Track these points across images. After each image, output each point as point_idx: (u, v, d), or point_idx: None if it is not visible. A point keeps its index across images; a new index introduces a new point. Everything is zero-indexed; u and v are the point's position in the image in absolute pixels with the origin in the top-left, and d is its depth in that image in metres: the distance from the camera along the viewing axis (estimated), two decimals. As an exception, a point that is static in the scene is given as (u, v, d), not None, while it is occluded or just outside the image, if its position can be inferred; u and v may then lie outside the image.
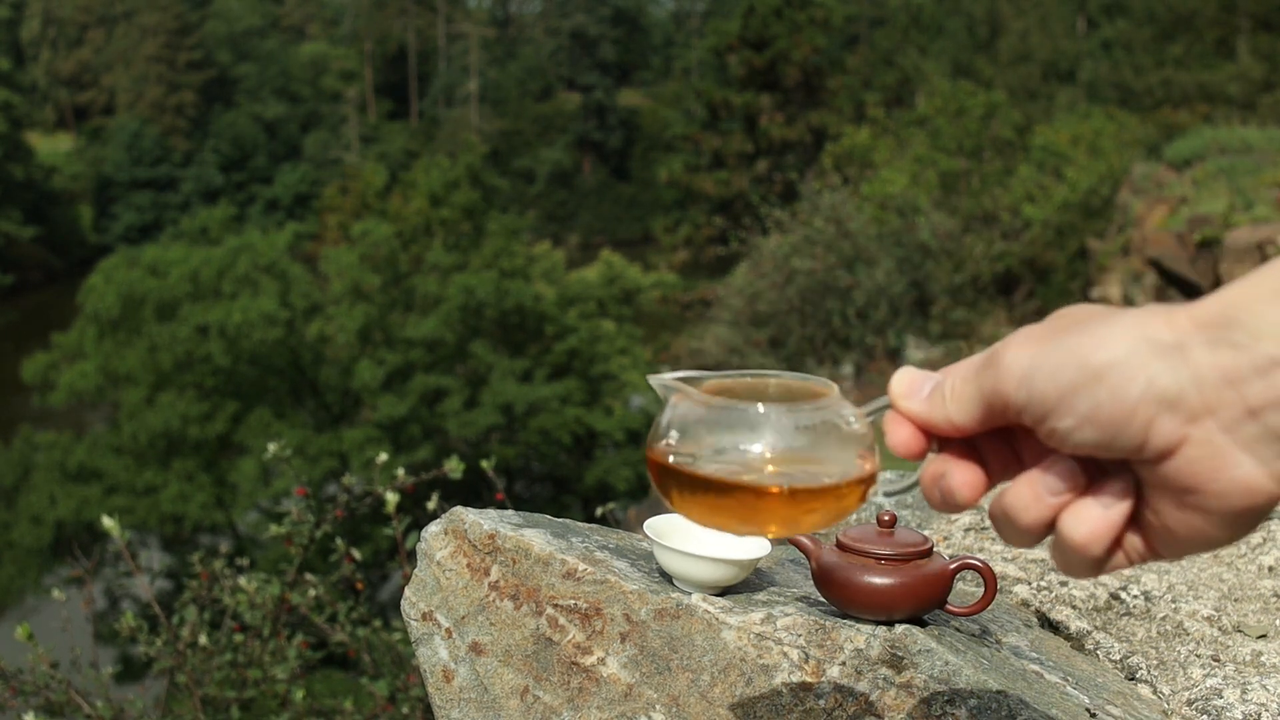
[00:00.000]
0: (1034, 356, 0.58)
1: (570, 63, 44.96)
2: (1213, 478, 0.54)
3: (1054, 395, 0.57)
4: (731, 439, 0.69)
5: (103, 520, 2.55)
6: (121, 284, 15.96)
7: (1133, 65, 27.60)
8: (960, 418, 0.63)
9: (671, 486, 0.71)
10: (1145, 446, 0.55)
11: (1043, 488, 0.60)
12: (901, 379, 0.66)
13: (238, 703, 2.60)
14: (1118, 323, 0.56)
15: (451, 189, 19.40)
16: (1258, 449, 0.53)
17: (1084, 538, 0.60)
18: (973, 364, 0.62)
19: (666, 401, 0.72)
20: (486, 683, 1.33)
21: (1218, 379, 0.53)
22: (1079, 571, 0.62)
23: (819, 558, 1.28)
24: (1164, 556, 0.61)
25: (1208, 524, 0.57)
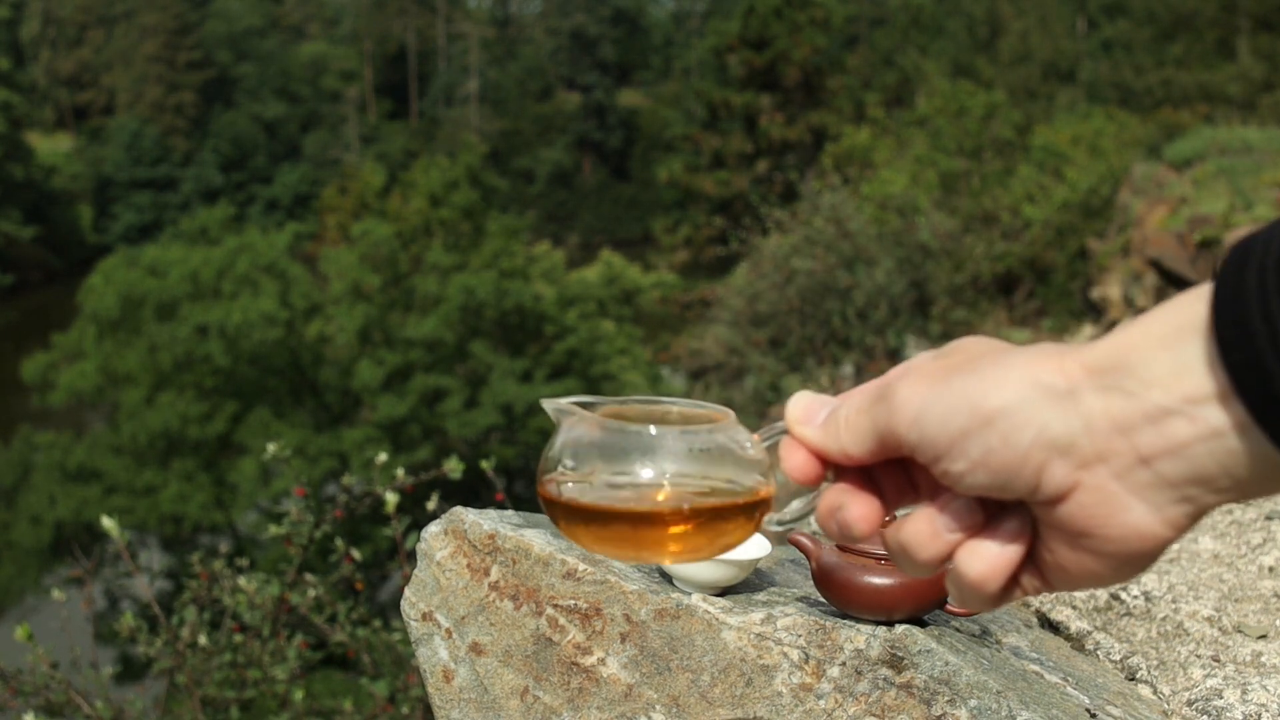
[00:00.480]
0: (925, 398, 0.58)
1: (570, 63, 44.96)
2: (1105, 523, 0.55)
3: (945, 439, 0.57)
4: (624, 463, 0.68)
5: (102, 520, 2.55)
6: (121, 284, 15.97)
7: (1133, 65, 27.60)
8: (854, 449, 0.62)
9: (560, 517, 0.69)
10: (1038, 490, 0.56)
11: (940, 525, 0.60)
12: (798, 404, 0.66)
13: (237, 703, 2.60)
14: (1010, 365, 0.56)
15: (451, 189, 19.40)
16: (1149, 495, 0.53)
17: (979, 576, 0.60)
18: (867, 394, 0.62)
19: (559, 425, 0.70)
20: (486, 683, 1.33)
21: (1109, 427, 0.53)
22: (973, 605, 0.63)
23: (819, 558, 1.28)
24: (1057, 589, 0.61)
25: (1099, 565, 0.57)
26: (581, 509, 0.68)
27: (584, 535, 0.69)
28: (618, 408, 0.71)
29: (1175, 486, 0.53)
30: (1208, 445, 0.51)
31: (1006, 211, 18.34)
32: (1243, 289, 0.49)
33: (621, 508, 0.67)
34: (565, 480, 0.69)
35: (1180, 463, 0.52)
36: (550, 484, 0.69)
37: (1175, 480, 0.53)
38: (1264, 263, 0.49)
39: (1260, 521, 1.80)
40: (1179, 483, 0.53)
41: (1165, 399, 0.52)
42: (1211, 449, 0.51)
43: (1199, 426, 0.51)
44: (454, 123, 42.46)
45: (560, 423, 0.70)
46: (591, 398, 0.71)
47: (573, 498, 0.68)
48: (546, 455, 0.70)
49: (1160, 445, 0.52)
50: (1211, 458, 0.51)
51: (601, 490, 0.68)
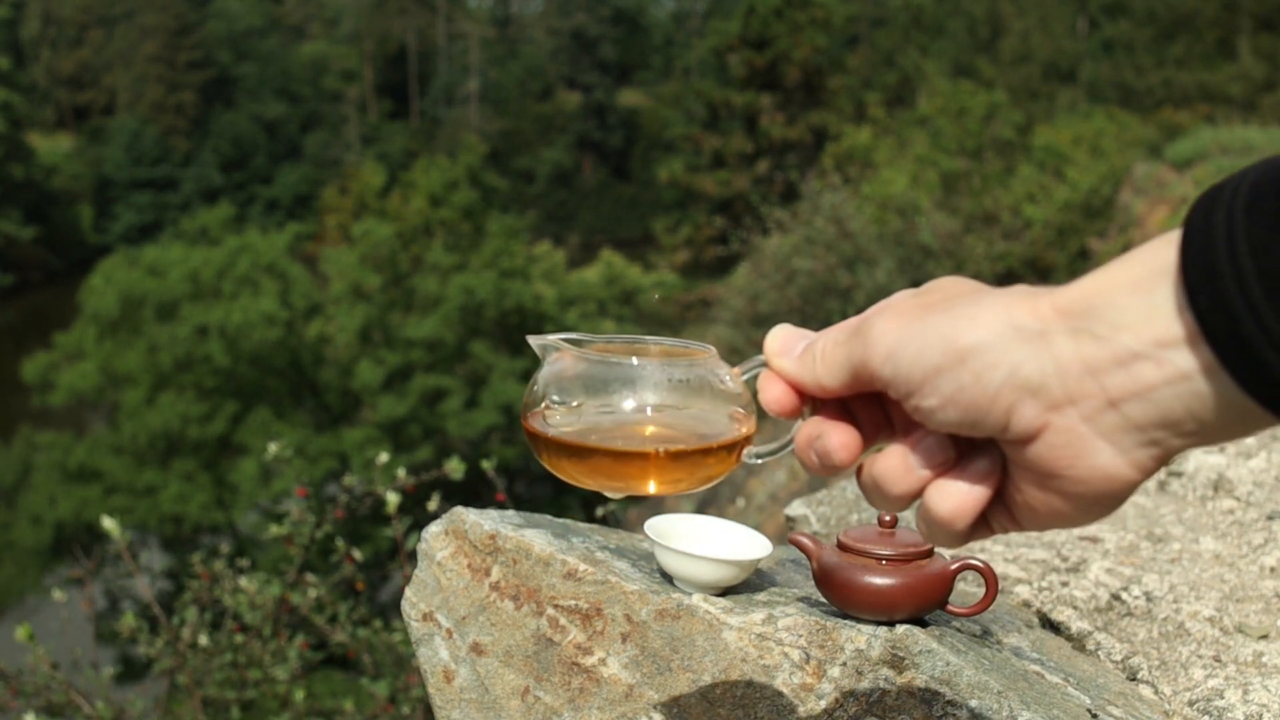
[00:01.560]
0: (900, 333, 0.58)
1: (570, 63, 44.95)
2: (1072, 464, 0.56)
3: (918, 375, 0.58)
4: (605, 395, 0.69)
5: (103, 521, 2.55)
6: (121, 284, 15.97)
7: (1134, 65, 27.59)
8: (829, 381, 0.63)
9: (543, 451, 0.70)
10: (1007, 430, 0.56)
11: (912, 461, 0.61)
12: (776, 336, 0.67)
13: (238, 703, 2.60)
14: (985, 305, 0.57)
15: (451, 189, 19.40)
16: (1117, 438, 0.54)
17: (948, 513, 0.61)
18: (845, 328, 0.63)
19: (544, 360, 0.72)
20: (487, 683, 1.33)
21: (1079, 369, 0.54)
22: (942, 541, 0.63)
23: (820, 558, 1.28)
24: (1025, 529, 0.62)
25: (1067, 505, 0.58)
26: (565, 444, 0.69)
27: (568, 468, 0.70)
28: (602, 345, 0.72)
29: (1142, 430, 0.54)
30: (1174, 389, 0.52)
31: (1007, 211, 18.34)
32: (1210, 233, 0.50)
33: (604, 445, 0.68)
34: (550, 414, 0.70)
35: (1147, 406, 0.53)
36: (535, 418, 0.70)
37: (1142, 423, 0.53)
38: (1231, 207, 0.49)
39: (1262, 521, 1.80)
40: (1146, 426, 0.53)
41: (1134, 343, 0.52)
42: (1178, 392, 0.52)
43: (1166, 370, 0.52)
44: (454, 123, 42.46)
45: (545, 357, 0.71)
46: (577, 334, 0.72)
47: (556, 433, 0.69)
48: (531, 389, 0.71)
49: (1128, 388, 0.53)
50: (1178, 401, 0.52)
51: (585, 423, 0.69)
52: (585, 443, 0.68)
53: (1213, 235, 0.49)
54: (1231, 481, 1.95)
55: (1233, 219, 0.49)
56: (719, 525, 1.41)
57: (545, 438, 0.69)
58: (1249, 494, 1.90)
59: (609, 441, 0.68)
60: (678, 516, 1.40)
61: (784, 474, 8.81)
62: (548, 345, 0.71)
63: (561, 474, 0.70)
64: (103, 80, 43.59)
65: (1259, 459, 2.04)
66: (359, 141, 41.90)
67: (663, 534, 1.34)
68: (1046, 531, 1.74)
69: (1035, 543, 1.72)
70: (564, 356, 0.70)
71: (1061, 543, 1.71)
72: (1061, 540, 1.72)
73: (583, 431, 0.69)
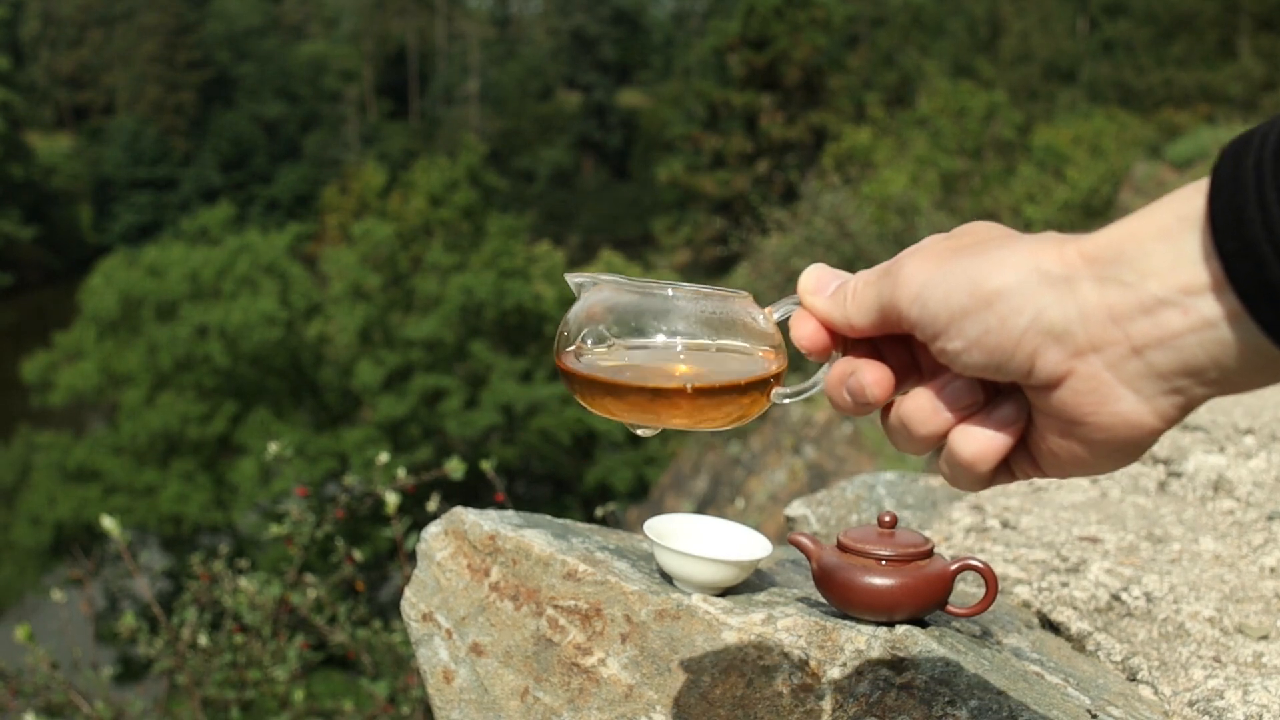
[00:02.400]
0: (929, 274, 0.59)
1: (570, 63, 44.95)
2: (1096, 411, 0.56)
3: (945, 316, 0.58)
4: (640, 326, 0.69)
5: (103, 521, 2.55)
6: (121, 284, 15.97)
7: (1134, 65, 27.59)
8: (858, 319, 0.64)
9: (577, 388, 0.70)
10: (1031, 375, 0.57)
11: (941, 402, 0.62)
12: (810, 275, 0.68)
13: (237, 703, 2.60)
14: (1013, 249, 0.57)
15: (451, 189, 19.40)
16: (1141, 386, 0.54)
17: (972, 456, 0.61)
18: (877, 269, 0.63)
19: (580, 295, 0.71)
20: (487, 684, 1.33)
21: (1104, 316, 0.54)
22: (964, 485, 0.64)
23: (820, 559, 1.28)
24: (1048, 475, 0.63)
25: (1089, 453, 0.58)
26: (596, 381, 0.68)
27: (604, 402, 0.69)
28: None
29: (1165, 378, 0.54)
30: (1199, 336, 0.52)
31: (1007, 211, 18.34)
32: (1239, 180, 0.49)
33: (637, 383, 0.68)
34: (583, 351, 0.70)
35: (1171, 353, 0.53)
36: (568, 355, 0.70)
37: (1166, 371, 0.53)
38: (1260, 154, 0.49)
39: (1262, 522, 1.80)
40: (1169, 374, 0.53)
41: (1160, 290, 0.52)
42: (1202, 340, 0.52)
43: (1191, 317, 0.52)
44: (454, 123, 42.45)
45: (580, 292, 0.71)
46: (612, 275, 0.71)
47: (589, 370, 0.69)
48: (564, 327, 0.70)
49: (1153, 335, 0.53)
50: (1202, 348, 0.52)
51: (618, 357, 0.69)
52: (617, 380, 0.68)
53: (1242, 182, 0.49)
54: (1231, 482, 1.95)
55: (1261, 166, 0.49)
56: (719, 525, 1.41)
57: (579, 375, 0.69)
58: (1249, 494, 1.90)
59: (641, 378, 0.68)
60: (678, 517, 1.40)
61: (784, 474, 8.81)
62: (583, 282, 0.71)
63: (596, 407, 0.70)
64: (102, 80, 43.58)
65: (1259, 459, 2.04)
66: (359, 141, 41.90)
67: (662, 534, 1.34)
68: (1046, 533, 1.74)
69: (1035, 543, 1.72)
70: (601, 289, 0.70)
71: (1061, 543, 1.71)
72: (1061, 541, 1.72)
73: (616, 369, 0.69)
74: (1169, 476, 2.04)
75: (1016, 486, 2.03)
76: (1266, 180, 0.48)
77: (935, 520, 1.85)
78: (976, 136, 19.56)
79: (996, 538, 1.75)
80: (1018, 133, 20.36)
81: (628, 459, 16.64)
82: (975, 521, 1.81)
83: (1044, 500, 1.92)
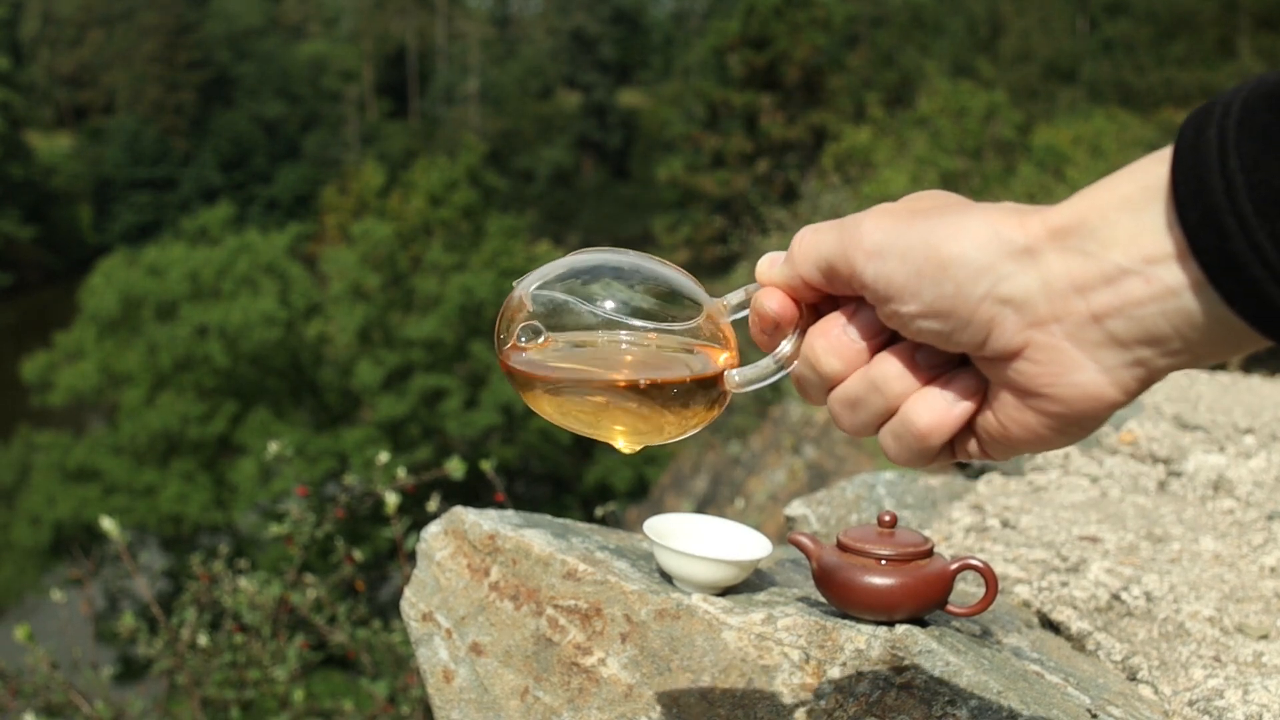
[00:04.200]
0: (888, 233, 0.58)
1: (570, 63, 44.94)
2: (1054, 382, 0.55)
3: (900, 278, 0.57)
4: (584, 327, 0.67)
5: (102, 521, 2.54)
6: (121, 284, 15.96)
7: (1134, 65, 27.58)
8: (805, 269, 0.63)
9: (520, 388, 0.69)
10: (986, 345, 0.56)
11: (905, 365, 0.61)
12: (764, 259, 0.67)
13: (237, 703, 2.60)
14: (974, 217, 0.56)
15: (451, 189, 19.39)
16: (1101, 355, 0.54)
17: (926, 426, 0.60)
18: (829, 223, 0.63)
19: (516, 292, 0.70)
20: (486, 683, 1.33)
21: (1066, 287, 0.53)
22: (908, 459, 0.62)
23: (820, 558, 1.27)
24: (993, 457, 0.62)
25: (1046, 426, 0.57)
26: (541, 380, 0.67)
27: (546, 405, 0.68)
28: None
29: (1127, 347, 0.53)
30: (1161, 305, 0.51)
31: (1007, 211, 18.32)
32: (1201, 149, 0.49)
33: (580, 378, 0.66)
34: (525, 350, 0.68)
35: (1132, 323, 0.52)
36: (511, 353, 0.69)
37: (1126, 340, 0.53)
38: (1223, 124, 0.49)
39: (1261, 521, 1.80)
40: (1130, 343, 0.53)
41: (1123, 259, 0.52)
42: (1164, 309, 0.51)
43: (1154, 286, 0.51)
44: (454, 123, 42.43)
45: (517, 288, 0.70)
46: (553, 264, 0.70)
47: (531, 369, 0.67)
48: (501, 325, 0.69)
49: (1115, 304, 0.52)
50: (1164, 317, 0.52)
51: (562, 357, 0.67)
52: (558, 377, 0.67)
53: (1204, 151, 0.49)
54: (1231, 481, 1.95)
55: (1224, 135, 0.48)
56: (719, 525, 1.41)
57: (519, 373, 0.68)
58: (1249, 494, 1.90)
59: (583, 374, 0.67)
60: (677, 516, 1.39)
61: (784, 474, 8.81)
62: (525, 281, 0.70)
63: (539, 409, 0.69)
64: (102, 80, 43.57)
65: (1259, 459, 2.04)
66: (359, 141, 41.89)
67: (662, 534, 1.34)
68: (1046, 533, 1.74)
69: (1035, 543, 1.72)
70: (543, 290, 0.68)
71: (1061, 543, 1.71)
72: (1061, 540, 1.72)
73: (557, 371, 0.67)
74: (1169, 476, 2.04)
75: (1016, 486, 2.03)
76: (1229, 149, 0.48)
77: (935, 520, 1.85)
78: (976, 136, 19.56)
79: (996, 537, 1.75)
80: (1018, 133, 20.36)
81: (627, 458, 16.64)
82: (975, 521, 1.81)
83: (1044, 500, 1.92)
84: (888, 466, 6.82)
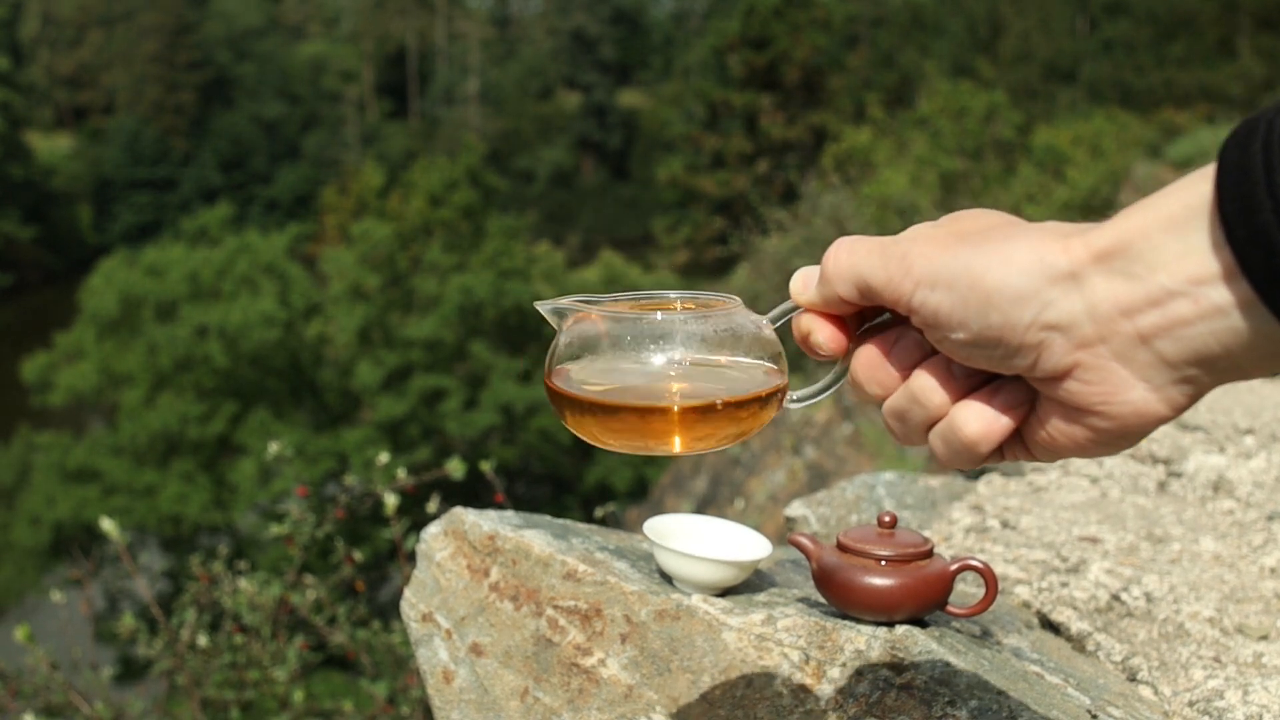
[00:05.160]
0: (933, 263, 0.58)
1: (570, 63, 44.95)
2: (1106, 400, 0.56)
3: (947, 308, 0.58)
4: (632, 353, 0.67)
5: (101, 522, 2.54)
6: (121, 284, 15.97)
7: (1134, 65, 27.58)
8: (841, 287, 0.63)
9: (567, 411, 0.69)
10: (1035, 367, 0.57)
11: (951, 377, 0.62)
12: (798, 277, 0.67)
13: (237, 704, 2.60)
14: (1017, 243, 0.57)
15: (451, 189, 19.38)
16: (1150, 375, 0.54)
17: (975, 435, 0.61)
18: (867, 242, 0.63)
19: (562, 323, 0.70)
20: (486, 684, 1.33)
21: (1112, 310, 0.53)
22: (955, 463, 0.64)
23: (820, 559, 1.27)
24: (1038, 460, 0.63)
25: (1092, 439, 0.58)
26: (588, 403, 0.67)
27: (592, 428, 0.68)
28: (624, 302, 0.70)
29: (1175, 367, 0.53)
30: (1209, 324, 0.51)
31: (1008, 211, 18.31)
32: (1247, 165, 0.49)
33: (630, 402, 0.66)
34: (573, 373, 0.68)
35: (1180, 343, 0.52)
36: (558, 377, 0.69)
37: (1175, 360, 0.53)
38: (1268, 139, 0.48)
39: (1261, 522, 1.80)
40: (1179, 363, 0.53)
41: (1170, 281, 0.52)
42: (1213, 328, 0.51)
43: (1201, 306, 0.51)
44: (454, 123, 42.44)
45: (562, 320, 0.70)
46: (589, 295, 0.70)
47: (580, 391, 0.67)
48: (553, 350, 0.69)
49: (1162, 326, 0.52)
50: (1213, 337, 0.52)
51: (609, 382, 0.67)
52: (608, 400, 0.67)
53: (1249, 167, 0.49)
54: (1231, 482, 1.95)
55: (1270, 150, 0.48)
56: (719, 526, 1.40)
57: (568, 396, 0.68)
58: (1249, 494, 1.90)
59: (633, 399, 0.66)
60: (677, 517, 1.39)
61: (783, 474, 8.81)
62: (562, 309, 0.70)
63: (585, 435, 0.69)
64: (102, 80, 43.57)
65: (1259, 459, 2.04)
66: (358, 141, 41.89)
67: (662, 534, 1.34)
68: (1046, 534, 1.74)
69: (1035, 543, 1.72)
70: (581, 320, 0.69)
71: (1061, 543, 1.71)
72: (1061, 541, 1.72)
73: (607, 391, 0.67)
74: (1169, 476, 2.04)
75: (1016, 486, 2.03)
76: (1275, 164, 0.48)
77: (935, 520, 1.85)
78: (976, 137, 19.57)
79: (996, 538, 1.75)
80: (1018, 133, 20.36)
81: (627, 459, 16.63)
82: (975, 521, 1.81)
83: (1044, 500, 1.92)
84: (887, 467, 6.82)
